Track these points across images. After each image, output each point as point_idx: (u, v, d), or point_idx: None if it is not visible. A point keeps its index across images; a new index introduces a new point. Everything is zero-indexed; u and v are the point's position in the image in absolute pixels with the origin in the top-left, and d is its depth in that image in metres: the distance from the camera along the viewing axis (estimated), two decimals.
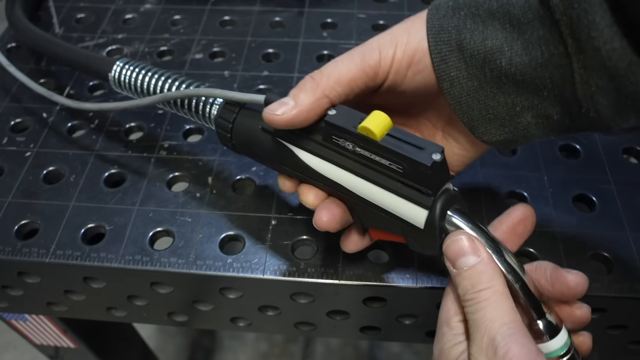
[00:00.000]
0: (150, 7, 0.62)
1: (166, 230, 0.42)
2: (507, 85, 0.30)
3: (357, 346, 1.15)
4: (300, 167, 0.33)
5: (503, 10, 0.29)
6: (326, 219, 0.32)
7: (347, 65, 0.31)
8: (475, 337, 0.26)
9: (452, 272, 0.28)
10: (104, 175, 0.46)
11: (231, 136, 0.36)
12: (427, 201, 0.29)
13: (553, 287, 0.29)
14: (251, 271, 0.39)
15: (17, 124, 0.51)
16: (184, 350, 1.16)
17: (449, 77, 0.31)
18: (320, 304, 0.42)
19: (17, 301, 0.48)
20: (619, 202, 0.42)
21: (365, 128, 0.29)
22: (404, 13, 0.60)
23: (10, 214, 0.43)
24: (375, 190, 0.31)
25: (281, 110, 0.30)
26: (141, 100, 0.40)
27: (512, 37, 0.29)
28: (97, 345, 0.68)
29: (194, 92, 0.37)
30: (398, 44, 0.31)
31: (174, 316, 0.47)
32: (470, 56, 0.30)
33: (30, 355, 1.14)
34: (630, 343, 0.44)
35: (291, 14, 0.61)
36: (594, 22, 0.25)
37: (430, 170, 0.28)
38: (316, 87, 0.30)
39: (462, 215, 0.30)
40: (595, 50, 0.26)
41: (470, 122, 0.32)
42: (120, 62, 0.42)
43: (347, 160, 0.31)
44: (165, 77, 0.40)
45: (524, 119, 0.31)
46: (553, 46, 0.28)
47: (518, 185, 0.44)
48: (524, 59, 0.29)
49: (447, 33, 0.31)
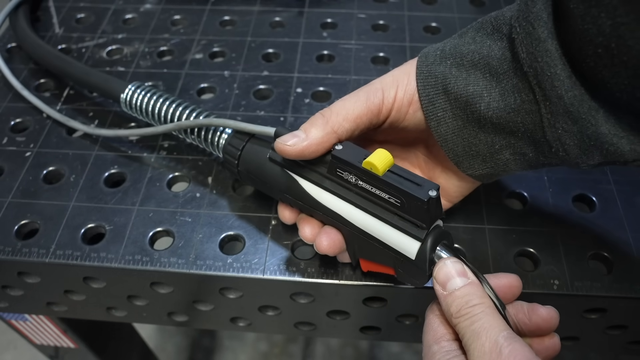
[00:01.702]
0: (150, 7, 0.62)
1: (166, 230, 0.42)
2: (487, 126, 0.33)
3: (357, 346, 1.15)
4: (303, 196, 0.35)
5: (484, 62, 0.32)
6: (326, 244, 0.34)
7: (353, 104, 0.34)
8: (476, 345, 0.27)
9: (441, 295, 0.30)
10: (104, 175, 0.46)
11: (238, 163, 0.38)
12: (420, 234, 0.31)
13: (530, 320, 0.31)
14: (251, 271, 0.39)
15: (17, 124, 0.51)
16: (184, 350, 1.16)
17: (436, 117, 0.34)
18: (320, 304, 0.42)
19: (17, 301, 0.48)
20: (619, 202, 0.42)
21: (370, 163, 0.31)
22: (404, 13, 0.60)
23: (10, 214, 0.43)
24: (372, 221, 0.33)
25: (293, 142, 0.33)
26: (156, 128, 0.43)
27: (491, 85, 0.32)
28: (97, 345, 0.68)
29: (207, 122, 0.40)
30: (399, 85, 0.35)
31: (174, 316, 0.47)
32: (455, 99, 0.33)
33: (30, 355, 1.14)
34: (630, 343, 0.44)
35: (291, 14, 0.61)
36: (556, 73, 0.28)
37: (426, 205, 0.30)
38: (326, 123, 0.33)
39: (450, 250, 0.31)
40: (559, 98, 0.29)
41: (456, 157, 0.35)
42: (132, 86, 0.45)
43: (348, 192, 0.34)
44: (176, 104, 0.42)
45: (502, 156, 0.34)
46: (524, 94, 0.31)
47: (518, 185, 0.44)
48: (500, 104, 0.32)
49: (434, 78, 0.34)
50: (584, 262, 0.39)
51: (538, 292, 0.38)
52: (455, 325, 0.29)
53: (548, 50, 0.28)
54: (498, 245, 0.40)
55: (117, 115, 0.50)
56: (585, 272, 0.39)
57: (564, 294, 0.38)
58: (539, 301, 0.32)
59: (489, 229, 0.41)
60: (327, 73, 0.53)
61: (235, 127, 0.38)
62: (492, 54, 0.32)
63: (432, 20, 0.59)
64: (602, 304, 0.38)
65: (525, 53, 0.29)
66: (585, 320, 0.40)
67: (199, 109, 0.42)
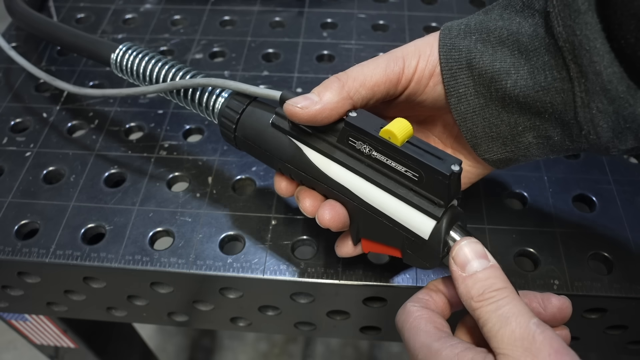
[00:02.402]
0: (150, 7, 0.62)
1: (166, 230, 0.42)
2: (511, 105, 0.31)
3: (357, 346, 1.15)
4: (308, 167, 0.33)
5: (513, 38, 0.31)
6: (329, 217, 0.32)
7: (372, 70, 0.32)
8: (505, 331, 0.25)
9: (459, 277, 0.28)
10: (104, 175, 0.46)
11: (235, 128, 0.35)
12: (437, 212, 0.29)
13: (545, 310, 0.30)
14: (251, 271, 0.39)
15: (17, 124, 0.51)
16: (184, 350, 1.16)
17: (457, 93, 0.32)
18: (320, 304, 0.42)
19: (17, 301, 0.48)
20: (619, 202, 0.42)
21: (389, 131, 0.29)
22: (404, 13, 0.60)
23: (10, 214, 0.43)
24: (383, 196, 0.30)
25: (304, 104, 0.31)
26: (146, 87, 0.39)
27: (520, 62, 0.30)
28: (97, 345, 0.68)
29: (205, 82, 0.36)
30: (421, 55, 0.33)
31: (174, 316, 0.47)
32: (479, 75, 0.31)
33: (30, 355, 1.14)
34: (630, 343, 0.44)
35: (291, 14, 0.61)
36: (595, 47, 0.27)
37: (448, 180, 0.28)
38: (342, 87, 0.31)
39: (465, 233, 0.30)
40: (596, 74, 0.27)
41: (474, 139, 0.34)
42: (124, 46, 0.42)
43: (360, 164, 0.31)
44: (170, 65, 0.39)
45: (525, 139, 0.32)
46: (556, 71, 0.29)
47: (518, 185, 0.44)
48: (529, 82, 0.30)
49: (457, 51, 0.32)
50: (584, 262, 0.39)
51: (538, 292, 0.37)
52: (476, 309, 0.27)
53: (588, 23, 0.27)
54: (498, 245, 0.40)
55: (116, 115, 0.50)
56: (585, 272, 0.39)
57: (564, 294, 0.37)
58: None
59: (489, 229, 0.41)
60: (327, 73, 0.53)
61: (236, 88, 0.35)
62: (523, 30, 0.30)
63: (432, 20, 0.59)
64: (602, 304, 0.38)
65: (562, 26, 0.28)
66: (585, 320, 0.40)
67: (194, 71, 0.39)
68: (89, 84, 0.54)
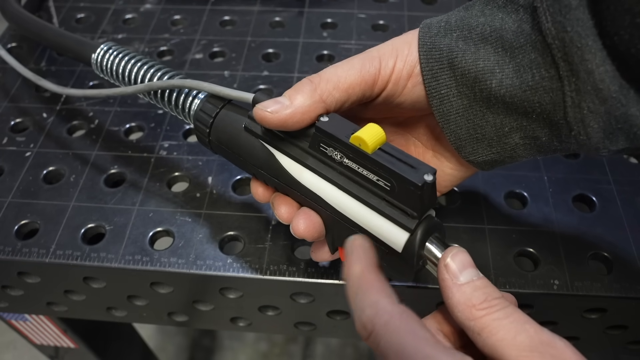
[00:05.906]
0: (150, 7, 0.62)
1: (166, 230, 0.42)
2: (497, 106, 0.30)
3: (357, 346, 1.15)
4: (280, 173, 0.32)
5: (496, 35, 0.29)
6: (304, 227, 0.31)
7: (346, 72, 0.30)
8: (523, 338, 0.23)
9: (453, 285, 0.26)
10: (104, 175, 0.46)
11: (209, 132, 0.34)
12: (410, 223, 0.28)
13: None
14: (251, 271, 0.39)
15: (17, 124, 0.51)
16: (184, 350, 1.16)
17: (439, 95, 0.31)
18: (320, 304, 0.42)
19: (17, 301, 0.48)
20: (619, 202, 0.42)
21: (359, 138, 0.28)
22: (403, 13, 0.60)
23: (10, 214, 0.43)
24: (355, 206, 0.29)
25: (274, 108, 0.29)
26: (125, 88, 0.38)
27: (504, 60, 0.29)
28: (97, 345, 0.68)
29: (179, 84, 0.35)
30: (399, 55, 0.31)
31: (174, 316, 0.47)
32: (461, 75, 0.30)
33: (30, 355, 1.14)
34: (630, 343, 0.44)
35: (291, 14, 0.61)
36: (587, 45, 0.26)
37: (420, 191, 0.27)
38: (314, 90, 0.30)
39: (443, 245, 0.28)
40: (588, 73, 0.26)
41: (458, 141, 0.32)
42: (105, 46, 0.41)
43: (332, 171, 0.30)
44: (148, 65, 0.38)
45: (511, 140, 0.31)
46: (544, 69, 0.28)
47: (518, 185, 0.44)
48: (515, 81, 0.29)
49: (438, 51, 0.31)
50: (584, 262, 0.39)
51: (538, 292, 0.37)
52: (480, 317, 0.25)
53: (579, 19, 0.25)
54: (498, 245, 0.40)
55: (116, 115, 0.50)
56: (585, 272, 0.39)
57: (564, 294, 0.37)
58: (540, 301, 0.31)
59: (489, 229, 0.41)
60: None
61: (210, 90, 0.34)
62: (506, 26, 0.29)
63: None
64: (602, 304, 0.38)
65: (551, 22, 0.26)
66: (585, 320, 0.40)
67: (173, 72, 0.38)
68: (89, 84, 0.54)
